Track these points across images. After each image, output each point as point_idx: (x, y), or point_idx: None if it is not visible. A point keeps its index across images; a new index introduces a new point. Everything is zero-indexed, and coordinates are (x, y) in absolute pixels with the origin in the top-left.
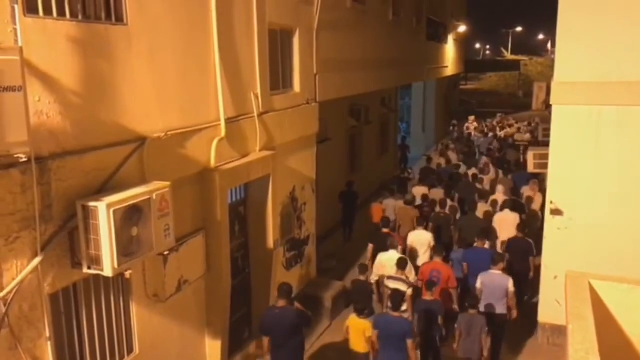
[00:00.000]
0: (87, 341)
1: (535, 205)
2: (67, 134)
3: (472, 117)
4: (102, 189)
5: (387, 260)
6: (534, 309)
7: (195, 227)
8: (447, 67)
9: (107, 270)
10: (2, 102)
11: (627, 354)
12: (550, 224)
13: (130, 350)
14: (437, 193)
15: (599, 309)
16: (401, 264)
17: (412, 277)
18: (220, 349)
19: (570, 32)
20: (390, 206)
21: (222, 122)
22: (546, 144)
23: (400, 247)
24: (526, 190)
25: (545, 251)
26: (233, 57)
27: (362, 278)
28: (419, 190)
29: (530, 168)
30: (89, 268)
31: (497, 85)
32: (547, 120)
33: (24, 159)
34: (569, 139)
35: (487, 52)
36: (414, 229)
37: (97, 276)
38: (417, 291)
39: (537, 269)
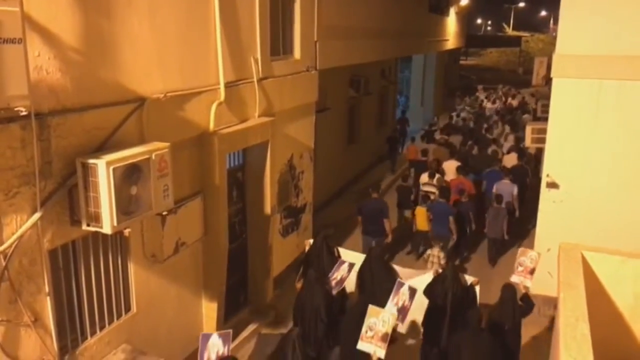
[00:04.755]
0: (85, 298)
1: (531, 150)
2: (67, 91)
3: (480, 87)
4: (102, 148)
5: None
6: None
7: (194, 191)
8: (448, 40)
9: (107, 228)
10: (2, 54)
11: (617, 324)
12: (546, 196)
13: (127, 308)
14: (456, 139)
15: (590, 279)
16: (431, 175)
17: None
18: (217, 311)
19: (573, 4)
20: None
21: (222, 86)
22: (545, 120)
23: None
24: None
25: (540, 224)
26: (233, 19)
27: (404, 184)
28: (442, 137)
29: (528, 142)
30: (88, 225)
31: (497, 61)
32: (546, 96)
33: (24, 113)
34: (568, 113)
35: (489, 27)
36: (446, 159)
37: (95, 234)
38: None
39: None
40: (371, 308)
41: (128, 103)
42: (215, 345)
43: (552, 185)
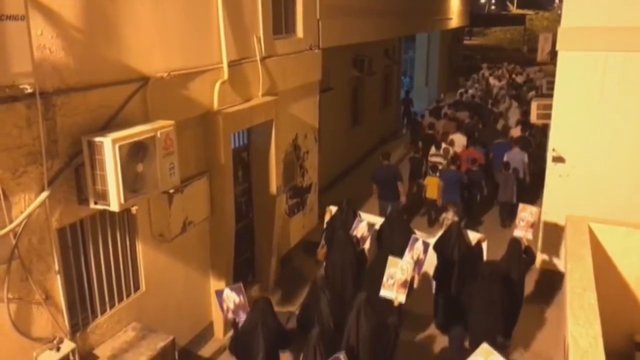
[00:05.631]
0: (95, 277)
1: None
2: (71, 69)
3: (485, 65)
4: (107, 127)
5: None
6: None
7: (199, 170)
8: (451, 19)
9: (114, 205)
10: (5, 30)
11: (623, 295)
12: (552, 171)
13: (136, 287)
14: (462, 115)
15: (597, 251)
16: (437, 146)
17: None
18: None
19: None
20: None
21: (225, 65)
22: (550, 97)
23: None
24: None
25: (546, 198)
26: None
27: (416, 155)
28: (451, 112)
29: (534, 119)
30: (95, 203)
31: (501, 40)
32: (551, 74)
33: (29, 91)
34: (573, 86)
35: (493, 6)
36: (454, 132)
37: (103, 213)
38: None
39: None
40: (391, 259)
41: (132, 82)
42: (230, 296)
43: (558, 159)
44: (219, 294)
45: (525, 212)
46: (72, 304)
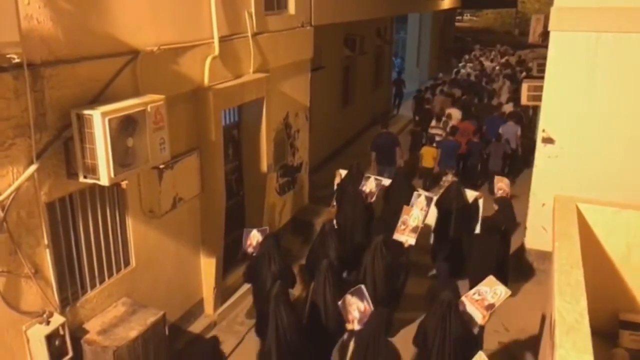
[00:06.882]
0: (84, 251)
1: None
2: (59, 41)
3: (477, 46)
4: (96, 100)
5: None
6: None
7: (190, 147)
8: None
9: (104, 179)
10: None
11: (610, 273)
12: (541, 152)
13: (126, 263)
14: (457, 92)
15: (584, 230)
16: (438, 119)
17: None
18: (215, 267)
19: None
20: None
21: (216, 40)
22: (540, 78)
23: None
24: None
25: (535, 179)
26: None
27: (416, 129)
28: (446, 89)
29: (524, 100)
30: (85, 177)
31: (493, 22)
32: (542, 56)
33: (17, 60)
34: (565, 67)
35: None
36: (450, 107)
37: (93, 188)
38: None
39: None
40: (405, 208)
41: (121, 55)
42: (256, 236)
43: (548, 140)
44: (248, 231)
45: (501, 183)
46: (62, 279)
